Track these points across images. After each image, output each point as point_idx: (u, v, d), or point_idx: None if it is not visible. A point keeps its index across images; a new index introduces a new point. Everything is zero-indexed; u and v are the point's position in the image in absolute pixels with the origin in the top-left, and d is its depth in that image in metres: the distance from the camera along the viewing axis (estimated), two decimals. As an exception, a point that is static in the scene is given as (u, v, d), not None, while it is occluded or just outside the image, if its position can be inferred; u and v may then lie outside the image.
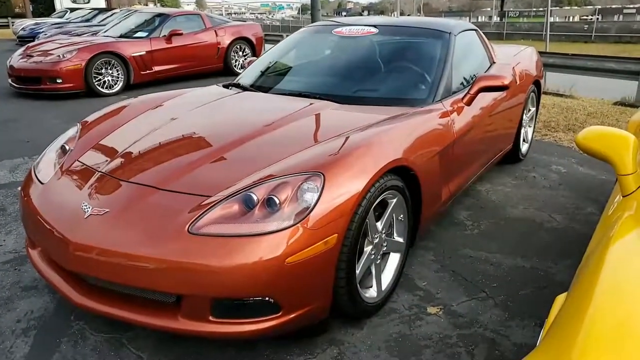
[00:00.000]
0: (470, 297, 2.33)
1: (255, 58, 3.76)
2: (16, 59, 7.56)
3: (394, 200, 2.18)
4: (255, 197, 1.81)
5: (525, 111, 4.04)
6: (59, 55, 7.21)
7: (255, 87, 3.12)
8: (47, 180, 2.26)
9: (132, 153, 2.28)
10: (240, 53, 9.40)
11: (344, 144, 2.08)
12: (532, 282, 2.45)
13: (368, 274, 2.16)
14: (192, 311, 1.76)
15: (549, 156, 4.40)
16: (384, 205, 2.16)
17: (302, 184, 1.82)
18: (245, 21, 14.67)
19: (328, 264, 1.83)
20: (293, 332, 1.92)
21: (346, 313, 2.04)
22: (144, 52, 7.84)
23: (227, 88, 3.22)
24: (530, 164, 4.20)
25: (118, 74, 7.59)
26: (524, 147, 4.24)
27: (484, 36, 3.76)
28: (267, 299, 1.75)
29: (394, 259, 2.31)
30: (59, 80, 7.10)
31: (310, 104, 2.66)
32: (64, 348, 2.01)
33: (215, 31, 8.91)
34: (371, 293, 2.15)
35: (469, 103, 2.86)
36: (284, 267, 1.70)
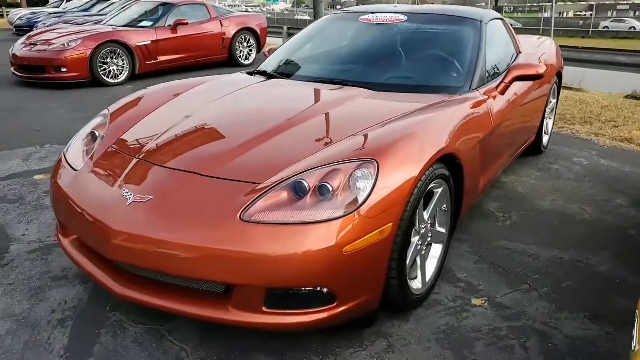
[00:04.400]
0: (514, 289, 2.29)
1: (276, 47, 3.68)
2: (19, 48, 7.41)
3: (440, 189, 2.13)
4: (306, 185, 1.75)
5: (547, 103, 4.00)
6: (63, 44, 7.07)
7: (284, 74, 3.04)
8: (81, 167, 2.19)
9: (169, 140, 2.21)
10: (245, 44, 9.28)
11: (393, 131, 2.02)
12: (574, 274, 2.41)
13: (412, 265, 2.11)
14: (245, 302, 1.70)
15: (569, 148, 4.36)
16: (428, 195, 2.10)
17: (354, 171, 1.77)
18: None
19: (383, 253, 1.78)
20: (340, 324, 1.86)
21: (395, 305, 1.99)
22: (150, 42, 7.71)
23: (252, 75, 3.14)
24: (551, 156, 4.16)
25: (123, 64, 7.46)
26: (545, 139, 4.21)
27: (509, 25, 3.70)
28: (322, 289, 1.69)
29: (437, 250, 2.26)
30: (63, 70, 6.97)
31: (346, 91, 2.59)
32: (104, 339, 1.95)
33: (220, 21, 8.78)
34: (416, 284, 2.11)
35: (503, 92, 2.81)
36: (341, 256, 1.64)
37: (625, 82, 7.59)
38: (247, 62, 9.22)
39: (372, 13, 3.26)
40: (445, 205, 2.23)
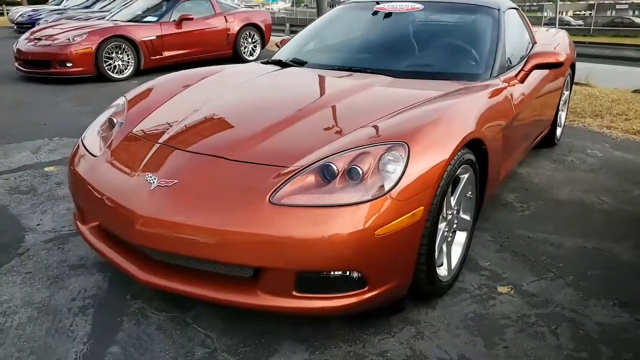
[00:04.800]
0: (539, 276, 2.26)
1: (289, 37, 3.64)
2: (23, 43, 7.37)
3: (466, 175, 2.10)
4: (335, 168, 1.72)
5: (561, 94, 3.97)
6: (68, 39, 7.02)
7: (299, 62, 3.00)
8: (100, 153, 2.15)
9: (190, 125, 2.18)
10: (250, 40, 9.23)
11: (419, 114, 1.99)
12: (598, 262, 2.38)
13: (439, 251, 2.07)
14: (274, 286, 1.67)
15: (581, 141, 4.33)
16: (454, 181, 2.07)
17: (384, 154, 1.73)
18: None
19: (413, 238, 1.75)
20: (368, 310, 1.83)
21: (422, 291, 1.96)
22: (155, 37, 7.66)
23: (267, 64, 3.10)
24: (565, 148, 4.13)
25: (128, 59, 7.41)
26: (558, 131, 4.17)
27: (524, 15, 3.67)
28: (353, 273, 1.67)
29: (461, 237, 2.23)
30: (69, 64, 6.92)
31: (365, 78, 2.56)
32: (127, 327, 1.92)
33: (225, 17, 8.73)
34: (442, 271, 2.07)
35: (522, 80, 2.78)
36: (373, 239, 1.61)
37: (631, 77, 7.58)
38: (251, 58, 9.16)
39: (388, 2, 3.23)
40: (470, 192, 2.20)
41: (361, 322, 1.92)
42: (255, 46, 9.32)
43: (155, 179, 1.84)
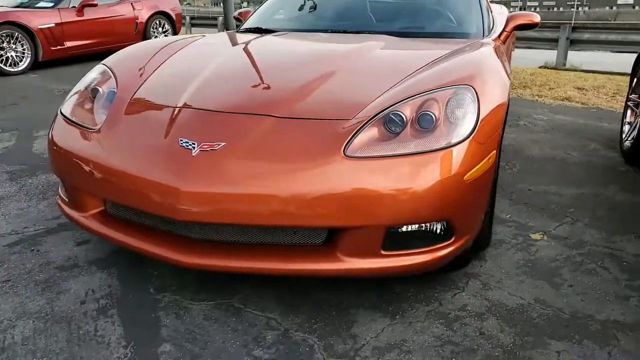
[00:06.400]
0: (560, 222, 2.34)
1: (249, 9, 3.40)
2: None
3: (499, 124, 2.09)
4: (403, 116, 1.59)
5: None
6: (-55, 26, 5.94)
7: (285, 29, 2.80)
8: (100, 126, 1.79)
9: (209, 86, 1.89)
10: (160, 29, 8.59)
11: (464, 63, 1.93)
12: (600, 204, 2.53)
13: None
14: (360, 246, 1.50)
15: (523, 108, 4.64)
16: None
17: (451, 98, 1.64)
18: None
19: (488, 183, 1.69)
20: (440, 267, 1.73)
21: (482, 242, 1.91)
22: (53, 25, 6.76)
23: (246, 33, 2.85)
24: (513, 114, 4.38)
25: (24, 49, 6.47)
26: (505, 100, 4.42)
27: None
28: (438, 224, 1.56)
29: (490, 190, 2.22)
30: (-52, 56, 5.86)
31: (377, 38, 2.43)
32: (168, 322, 1.62)
33: (132, 4, 8.00)
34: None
35: (504, 41, 2.86)
36: (462, 184, 1.52)
37: (529, 56, 8.32)
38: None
39: None
40: (496, 143, 2.20)
41: (423, 282, 1.82)
42: (166, 35, 8.69)
43: (193, 143, 1.56)
